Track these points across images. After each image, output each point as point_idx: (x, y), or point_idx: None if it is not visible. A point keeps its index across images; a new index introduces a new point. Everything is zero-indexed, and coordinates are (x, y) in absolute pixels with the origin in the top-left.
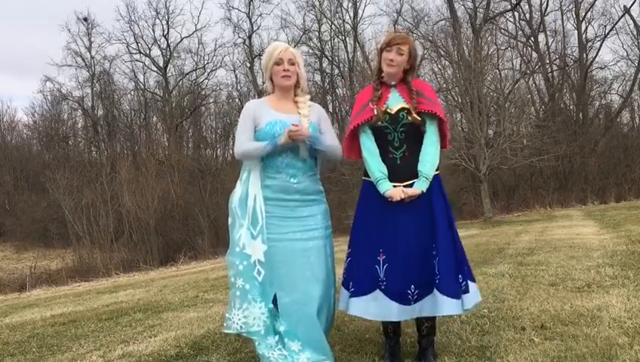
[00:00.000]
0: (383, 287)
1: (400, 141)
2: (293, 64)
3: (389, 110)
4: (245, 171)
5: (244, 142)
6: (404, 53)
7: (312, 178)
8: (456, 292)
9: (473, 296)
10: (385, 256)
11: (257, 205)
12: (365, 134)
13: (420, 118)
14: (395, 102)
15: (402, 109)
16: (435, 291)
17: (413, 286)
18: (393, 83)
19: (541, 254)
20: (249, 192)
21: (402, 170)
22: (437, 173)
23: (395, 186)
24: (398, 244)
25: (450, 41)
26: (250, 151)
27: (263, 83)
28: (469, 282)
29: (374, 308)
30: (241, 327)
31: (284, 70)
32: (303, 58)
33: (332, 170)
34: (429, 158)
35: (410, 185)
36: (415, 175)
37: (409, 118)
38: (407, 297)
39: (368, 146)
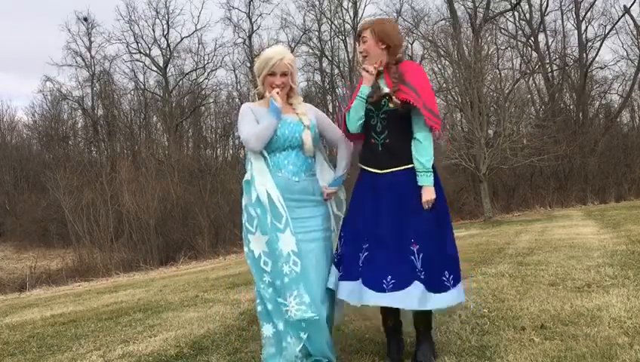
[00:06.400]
0: (363, 275)
1: (382, 127)
2: (285, 75)
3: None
4: (250, 171)
5: (252, 128)
6: (368, 38)
7: (313, 177)
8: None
9: (452, 296)
10: (368, 244)
11: (274, 199)
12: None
13: (399, 102)
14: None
15: (384, 95)
16: (418, 284)
17: (390, 276)
18: (380, 68)
19: (541, 254)
20: (259, 191)
21: (383, 156)
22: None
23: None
24: (378, 234)
25: (450, 41)
26: (261, 129)
27: (256, 87)
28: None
29: (356, 294)
30: (294, 315)
31: (276, 85)
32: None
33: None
34: (423, 151)
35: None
36: (395, 163)
37: (390, 104)
38: (382, 286)
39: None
